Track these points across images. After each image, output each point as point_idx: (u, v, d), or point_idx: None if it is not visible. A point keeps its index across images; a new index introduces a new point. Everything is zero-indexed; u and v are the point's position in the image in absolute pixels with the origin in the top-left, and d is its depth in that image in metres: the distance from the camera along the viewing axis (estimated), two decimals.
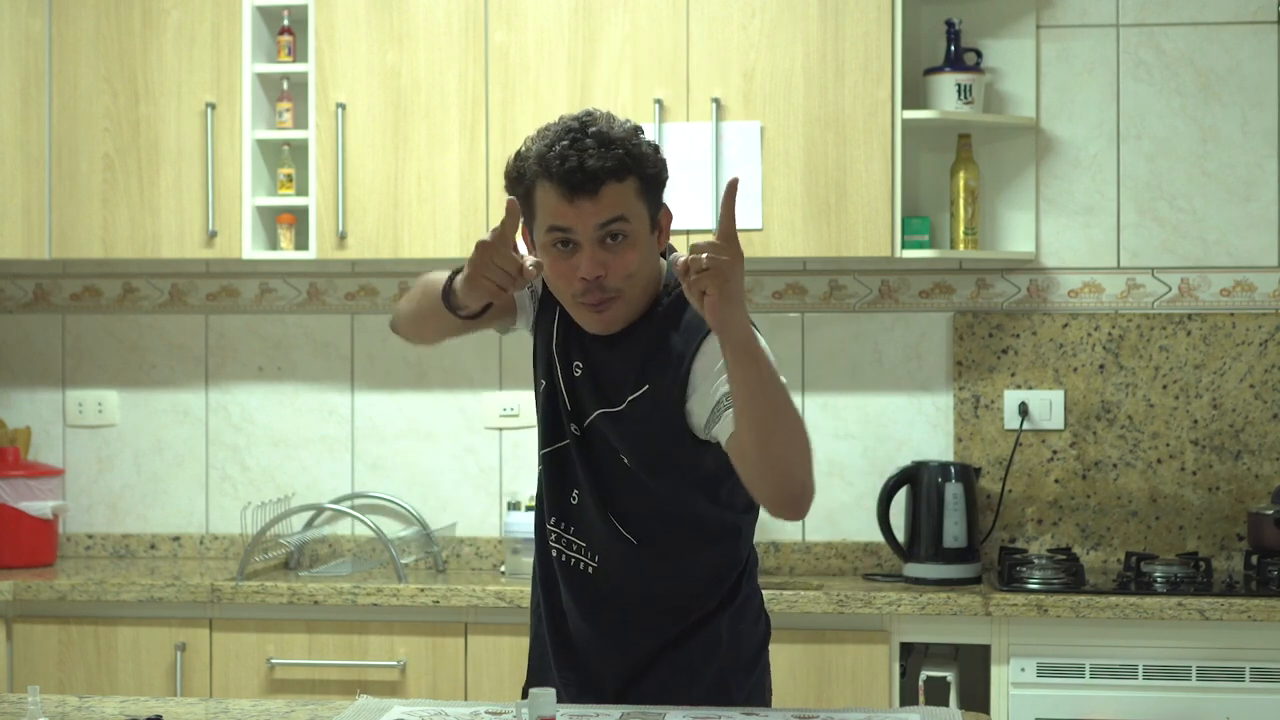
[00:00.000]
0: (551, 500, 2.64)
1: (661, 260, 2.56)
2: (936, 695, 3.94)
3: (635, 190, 2.45)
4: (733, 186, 2.28)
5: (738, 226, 2.28)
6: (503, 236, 2.39)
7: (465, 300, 2.51)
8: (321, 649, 4.03)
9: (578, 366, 2.56)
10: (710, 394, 2.43)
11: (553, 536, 2.64)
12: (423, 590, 4.00)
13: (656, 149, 2.51)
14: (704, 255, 2.24)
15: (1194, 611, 3.79)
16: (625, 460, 2.54)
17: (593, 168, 2.41)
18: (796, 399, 4.37)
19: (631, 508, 2.56)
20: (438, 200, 4.19)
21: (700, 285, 2.25)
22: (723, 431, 2.40)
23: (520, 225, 2.47)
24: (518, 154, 2.50)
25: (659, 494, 2.55)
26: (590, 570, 2.60)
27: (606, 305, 2.47)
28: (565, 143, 2.43)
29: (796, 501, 2.36)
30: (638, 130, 2.49)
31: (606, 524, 2.57)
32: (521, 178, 2.48)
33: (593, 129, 2.44)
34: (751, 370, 2.30)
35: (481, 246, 2.40)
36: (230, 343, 4.61)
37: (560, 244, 2.45)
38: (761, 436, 2.31)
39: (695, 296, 2.27)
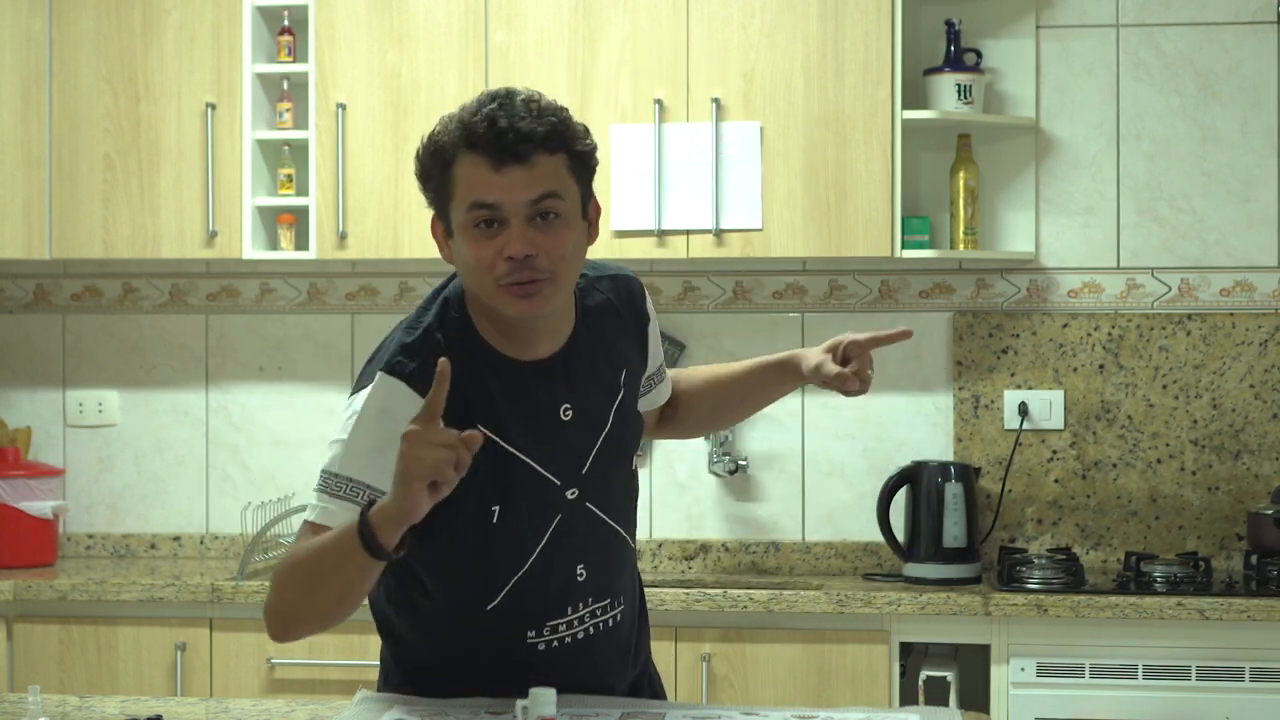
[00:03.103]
0: (546, 607, 2.30)
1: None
2: (936, 695, 3.94)
3: (567, 166, 2.19)
4: (905, 335, 2.42)
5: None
6: (431, 414, 2.00)
7: (394, 531, 2.03)
8: (321, 649, 4.02)
9: (566, 410, 2.27)
10: (656, 355, 2.48)
11: (545, 644, 2.31)
12: None
13: (588, 131, 2.25)
14: (862, 376, 2.39)
15: (1194, 611, 3.79)
16: (634, 458, 2.39)
17: (525, 129, 2.13)
18: (797, 398, 4.39)
19: (626, 508, 2.40)
20: None
21: (857, 390, 2.38)
22: (664, 390, 2.53)
23: (431, 222, 2.23)
24: (432, 132, 2.20)
25: (628, 471, 2.40)
26: (619, 618, 2.37)
27: (536, 288, 2.16)
28: (493, 105, 2.15)
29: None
30: (567, 110, 2.24)
31: (625, 549, 2.38)
32: (439, 152, 2.18)
33: (521, 96, 2.18)
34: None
35: (409, 436, 1.98)
36: (230, 343, 4.61)
37: (484, 224, 2.15)
38: (740, 418, 2.69)
39: (847, 389, 2.40)
